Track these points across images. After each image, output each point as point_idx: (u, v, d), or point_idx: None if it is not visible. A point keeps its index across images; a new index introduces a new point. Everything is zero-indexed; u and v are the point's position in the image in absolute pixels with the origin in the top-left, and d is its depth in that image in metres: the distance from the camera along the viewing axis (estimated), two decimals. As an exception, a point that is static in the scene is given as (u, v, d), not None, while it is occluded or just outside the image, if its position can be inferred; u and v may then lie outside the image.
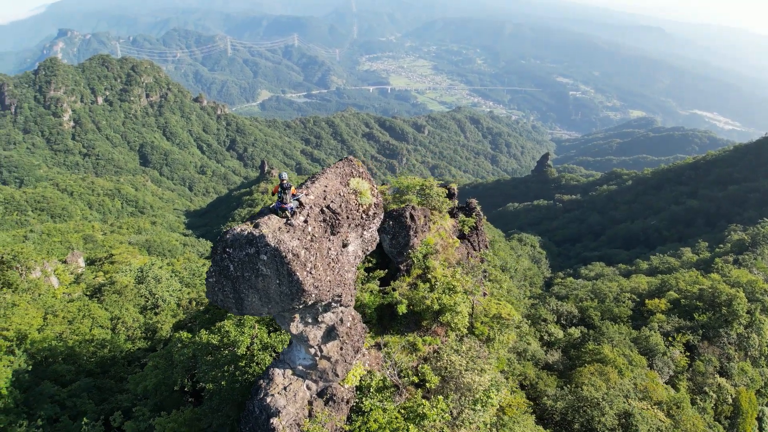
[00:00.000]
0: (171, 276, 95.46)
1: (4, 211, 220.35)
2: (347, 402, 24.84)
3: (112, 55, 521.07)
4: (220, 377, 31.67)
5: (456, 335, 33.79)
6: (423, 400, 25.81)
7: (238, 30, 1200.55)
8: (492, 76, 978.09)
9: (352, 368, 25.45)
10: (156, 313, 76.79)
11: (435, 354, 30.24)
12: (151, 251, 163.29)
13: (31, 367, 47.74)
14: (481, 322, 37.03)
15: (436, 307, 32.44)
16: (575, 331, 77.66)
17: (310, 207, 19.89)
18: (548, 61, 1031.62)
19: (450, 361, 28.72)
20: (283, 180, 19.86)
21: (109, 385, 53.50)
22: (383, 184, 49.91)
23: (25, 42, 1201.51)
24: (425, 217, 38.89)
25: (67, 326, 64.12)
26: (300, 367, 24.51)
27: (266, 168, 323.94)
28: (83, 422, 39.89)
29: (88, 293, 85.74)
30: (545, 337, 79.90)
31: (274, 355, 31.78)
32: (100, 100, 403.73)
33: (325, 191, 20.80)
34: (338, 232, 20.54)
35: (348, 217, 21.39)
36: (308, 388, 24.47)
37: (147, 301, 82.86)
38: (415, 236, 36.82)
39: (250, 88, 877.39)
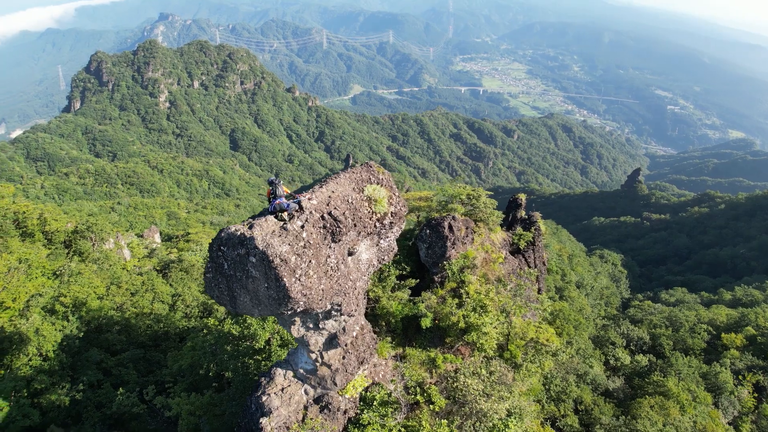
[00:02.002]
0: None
1: (95, 182, 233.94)
2: (344, 412, 24.20)
3: (210, 41, 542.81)
4: (239, 367, 31.99)
5: (483, 356, 32.22)
6: (424, 422, 24.82)
7: (334, 24, 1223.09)
8: (588, 84, 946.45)
9: (353, 379, 24.83)
10: (215, 294, 78.47)
11: (454, 374, 28.99)
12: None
13: (83, 334, 49.81)
14: (517, 346, 35.12)
15: (461, 324, 31.01)
16: (643, 359, 74.20)
17: (310, 212, 19.34)
18: (647, 72, 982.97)
19: (465, 384, 27.45)
20: (271, 179, 19.74)
21: (157, 359, 55.41)
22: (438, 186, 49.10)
23: (125, 22, 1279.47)
24: (467, 228, 37.42)
25: (129, 298, 66.83)
26: (301, 371, 24.14)
27: (351, 161, 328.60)
28: (119, 392, 41.40)
29: (158, 268, 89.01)
30: (611, 362, 76.74)
31: (292, 353, 31.70)
32: (196, 84, 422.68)
33: (330, 197, 20.19)
34: (340, 239, 19.86)
35: (355, 225, 20.68)
36: (306, 392, 24.03)
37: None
38: (453, 248, 35.49)
39: (342, 82, 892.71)
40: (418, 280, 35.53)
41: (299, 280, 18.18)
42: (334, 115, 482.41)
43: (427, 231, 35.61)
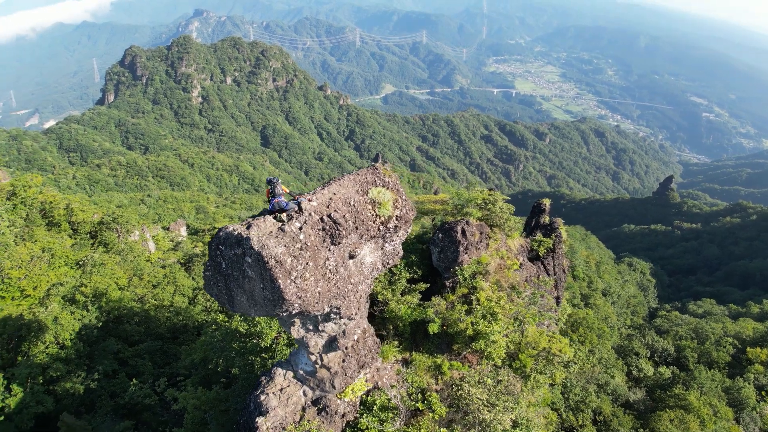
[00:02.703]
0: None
1: (126, 174, 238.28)
2: (343, 416, 24.09)
3: (244, 38, 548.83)
4: (245, 365, 32.19)
5: (492, 365, 31.57)
6: (424, 430, 24.52)
7: (368, 23, 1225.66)
8: (622, 88, 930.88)
9: (353, 383, 24.70)
10: (237, 289, 79.06)
11: (459, 381, 28.55)
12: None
13: (101, 323, 50.52)
14: (528, 355, 34.19)
15: (470, 332, 30.44)
16: (666, 371, 73.24)
17: (309, 214, 19.23)
18: (683, 78, 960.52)
19: (469, 392, 27.06)
20: (270, 178, 19.75)
21: (174, 351, 55.93)
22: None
23: (161, 17, 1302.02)
24: (481, 233, 36.85)
25: (150, 290, 67.66)
26: (301, 372, 24.10)
27: (380, 161, 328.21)
28: (132, 382, 41.94)
29: (182, 261, 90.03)
30: (634, 373, 75.80)
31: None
32: (228, 80, 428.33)
33: (331, 199, 20.03)
34: (339, 242, 19.73)
35: (357, 228, 20.52)
36: (304, 394, 23.97)
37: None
38: (466, 253, 35.04)
39: (374, 81, 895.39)
40: (429, 285, 35.27)
41: (294, 282, 18.08)
42: (364, 114, 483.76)
43: (440, 235, 35.28)
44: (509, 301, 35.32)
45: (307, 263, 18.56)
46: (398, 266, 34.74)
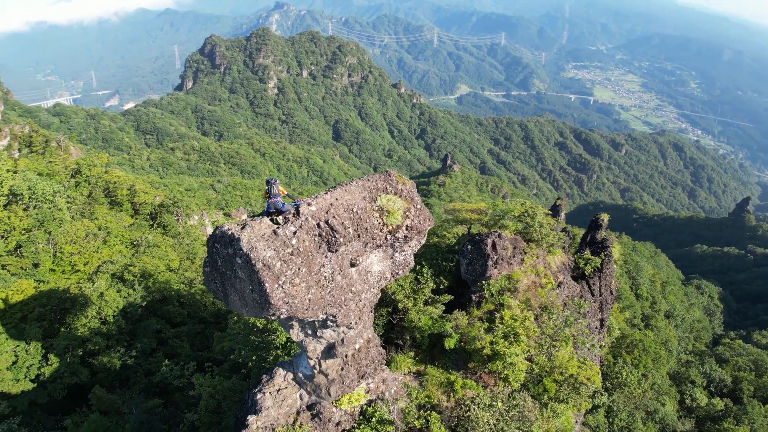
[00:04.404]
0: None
1: (198, 159, 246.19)
2: (337, 424, 23.75)
3: (323, 32, 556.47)
4: (260, 359, 32.59)
5: (510, 388, 29.91)
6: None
7: (446, 22, 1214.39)
8: (704, 102, 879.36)
9: (351, 392, 24.27)
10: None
11: (470, 402, 27.45)
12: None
13: (146, 303, 52.28)
14: (554, 380, 31.76)
15: (487, 351, 28.99)
16: (719, 403, 69.97)
17: (306, 219, 18.92)
18: (766, 96, 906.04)
19: (476, 414, 26.02)
20: (269, 179, 19.71)
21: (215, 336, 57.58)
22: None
23: (242, 8, 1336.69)
24: (515, 248, 35.47)
25: (200, 274, 69.51)
26: (300, 375, 24.01)
27: (449, 162, 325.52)
28: (164, 363, 43.28)
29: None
30: (687, 402, 72.91)
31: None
32: (304, 73, 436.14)
33: (331, 204, 19.59)
34: (337, 249, 19.34)
35: (360, 236, 20.01)
36: (301, 397, 23.90)
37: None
38: (495, 267, 33.83)
39: (449, 81, 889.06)
40: (454, 297, 34.34)
41: (282, 287, 17.94)
42: (437, 113, 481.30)
43: (469, 246, 34.14)
44: (538, 322, 33.92)
45: (299, 269, 18.34)
46: (424, 275, 34.11)
